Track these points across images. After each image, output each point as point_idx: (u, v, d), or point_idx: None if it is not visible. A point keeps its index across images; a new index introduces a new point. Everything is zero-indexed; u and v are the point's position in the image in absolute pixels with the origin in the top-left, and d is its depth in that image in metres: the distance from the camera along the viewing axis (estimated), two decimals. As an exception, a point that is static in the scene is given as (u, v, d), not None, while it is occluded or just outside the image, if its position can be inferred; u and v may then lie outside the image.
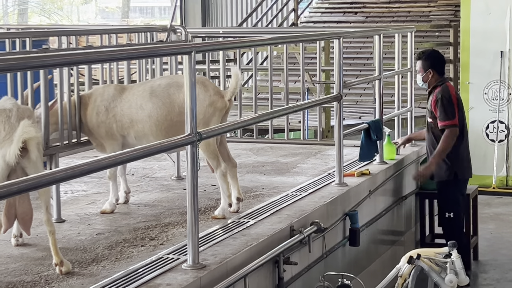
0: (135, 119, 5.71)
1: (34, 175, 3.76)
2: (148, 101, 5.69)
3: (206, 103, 5.65)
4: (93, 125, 5.78)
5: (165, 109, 5.66)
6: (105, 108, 5.76)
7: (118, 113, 5.74)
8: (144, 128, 5.68)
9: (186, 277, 4.42)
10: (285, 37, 7.14)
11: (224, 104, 5.71)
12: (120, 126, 5.74)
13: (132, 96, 5.75)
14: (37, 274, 4.57)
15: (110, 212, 5.88)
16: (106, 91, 5.82)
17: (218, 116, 5.68)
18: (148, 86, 5.79)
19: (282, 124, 8.69)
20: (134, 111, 5.71)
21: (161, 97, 5.69)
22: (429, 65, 7.32)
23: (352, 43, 14.92)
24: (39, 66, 4.23)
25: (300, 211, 5.82)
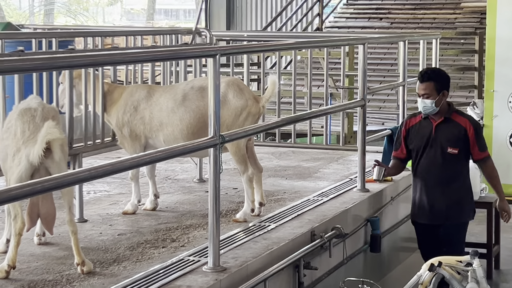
0: (165, 122, 5.70)
1: (58, 175, 3.79)
2: (181, 104, 5.68)
3: (241, 107, 5.64)
4: (117, 123, 5.79)
5: (199, 112, 5.65)
6: (134, 108, 5.76)
7: (147, 116, 5.74)
8: (175, 131, 5.68)
9: (206, 279, 4.43)
10: (309, 41, 7.15)
11: (258, 109, 5.71)
12: (148, 129, 5.74)
13: (163, 99, 5.74)
14: (59, 273, 4.59)
15: (132, 213, 5.90)
16: (138, 91, 5.82)
17: (251, 121, 5.67)
18: (180, 89, 5.78)
19: (304, 128, 8.68)
20: (164, 114, 5.70)
21: (194, 100, 5.69)
22: (445, 86, 6.15)
23: (377, 49, 14.90)
24: (65, 66, 4.27)
25: (322, 216, 5.81)
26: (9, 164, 4.56)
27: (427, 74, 6.14)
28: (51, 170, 4.51)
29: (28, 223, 4.66)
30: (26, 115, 4.62)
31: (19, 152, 4.51)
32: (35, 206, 4.66)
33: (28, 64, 3.60)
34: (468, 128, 6.11)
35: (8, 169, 4.58)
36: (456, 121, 6.14)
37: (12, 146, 4.56)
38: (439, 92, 6.06)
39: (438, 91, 6.06)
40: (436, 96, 6.05)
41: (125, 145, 5.83)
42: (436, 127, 6.14)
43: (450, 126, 6.13)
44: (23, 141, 4.53)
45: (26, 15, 32.54)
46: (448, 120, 6.13)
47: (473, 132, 6.11)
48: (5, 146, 4.65)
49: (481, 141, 6.22)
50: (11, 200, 3.69)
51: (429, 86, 6.05)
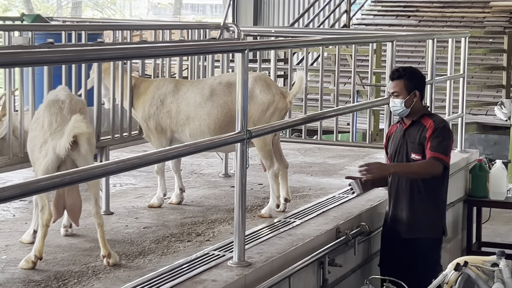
0: (192, 117, 5.71)
1: (87, 167, 3.80)
2: (208, 99, 5.69)
3: (268, 102, 5.64)
4: (143, 116, 5.80)
5: (226, 107, 5.66)
6: (161, 101, 5.78)
7: (173, 110, 5.75)
8: (201, 126, 5.69)
9: (231, 274, 4.43)
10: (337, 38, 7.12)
11: (285, 104, 5.70)
12: (175, 123, 5.75)
13: (190, 93, 5.75)
14: (85, 264, 4.62)
15: (158, 206, 5.92)
16: (165, 85, 5.83)
17: (277, 116, 5.66)
18: (207, 84, 5.79)
19: (331, 125, 8.67)
20: (192, 108, 5.71)
21: (221, 95, 5.69)
22: (416, 86, 5.66)
23: (404, 47, 14.82)
24: (95, 58, 4.29)
25: (347, 213, 5.80)
26: (36, 155, 4.60)
27: (397, 71, 5.70)
28: (77, 162, 4.54)
29: (55, 214, 4.69)
30: (53, 107, 4.64)
31: (46, 144, 4.54)
32: (61, 198, 4.69)
33: (59, 56, 3.61)
34: (428, 128, 5.58)
35: (36, 160, 4.62)
36: (423, 123, 5.63)
37: (40, 137, 4.59)
38: (410, 92, 5.60)
39: (409, 91, 5.61)
40: (406, 95, 5.60)
41: (151, 138, 5.85)
42: (405, 131, 5.70)
43: (416, 130, 5.64)
44: (50, 133, 4.55)
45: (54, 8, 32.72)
46: (416, 123, 5.65)
47: (431, 131, 5.55)
48: (33, 137, 4.68)
49: (438, 141, 5.54)
50: (40, 191, 3.72)
51: (398, 84, 5.63)
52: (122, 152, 7.00)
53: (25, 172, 6.26)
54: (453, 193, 7.95)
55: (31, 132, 4.74)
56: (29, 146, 4.75)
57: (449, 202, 7.75)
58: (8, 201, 3.37)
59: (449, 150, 5.61)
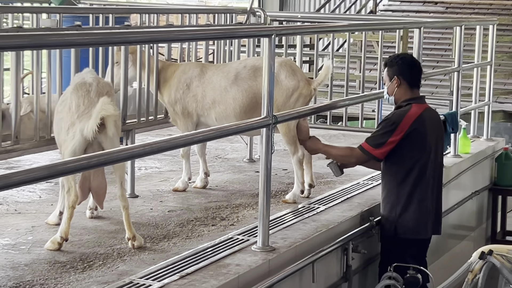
0: (217, 101, 5.72)
1: (113, 149, 3.83)
2: (233, 83, 5.69)
3: (293, 88, 5.63)
4: (170, 100, 5.82)
5: (251, 92, 5.66)
6: (187, 85, 5.79)
7: (199, 94, 5.76)
8: (227, 110, 5.70)
9: (255, 258, 4.44)
10: (364, 24, 7.08)
11: (310, 91, 5.69)
12: (201, 107, 5.75)
13: (216, 77, 5.75)
14: (110, 247, 4.65)
15: (183, 190, 5.94)
16: (190, 69, 5.84)
17: (301, 103, 5.65)
18: (233, 68, 5.79)
19: (356, 112, 8.63)
20: (217, 92, 5.71)
21: (247, 79, 5.69)
22: (396, 71, 5.36)
23: (431, 33, 14.72)
24: (122, 42, 4.30)
25: (371, 200, 5.79)
26: (63, 137, 4.62)
27: (386, 60, 5.52)
28: (104, 145, 4.56)
29: (80, 196, 4.73)
30: (81, 89, 4.66)
31: (73, 126, 4.57)
32: (86, 180, 4.73)
33: (86, 38, 3.62)
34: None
35: (63, 142, 4.64)
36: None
37: (67, 120, 4.62)
38: (391, 78, 5.39)
39: (390, 77, 5.40)
40: (388, 82, 5.42)
41: (177, 122, 5.87)
42: None
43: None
44: (78, 115, 4.58)
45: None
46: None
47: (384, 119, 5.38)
48: (60, 119, 4.71)
49: (375, 131, 5.38)
50: (67, 173, 3.75)
51: (384, 72, 5.48)
52: (148, 135, 7.02)
53: (51, 154, 6.30)
54: (478, 182, 7.92)
55: (57, 115, 4.76)
56: (56, 128, 4.78)
57: (474, 190, 7.74)
58: (34, 182, 3.40)
59: (383, 143, 5.26)
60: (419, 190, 5.35)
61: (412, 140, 5.27)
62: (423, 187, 5.37)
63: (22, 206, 5.46)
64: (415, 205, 5.34)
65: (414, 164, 5.31)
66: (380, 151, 5.30)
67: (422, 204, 5.37)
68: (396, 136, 5.26)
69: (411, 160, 5.31)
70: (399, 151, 5.30)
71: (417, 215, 5.35)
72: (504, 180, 8.10)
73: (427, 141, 5.35)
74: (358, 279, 5.44)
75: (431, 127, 5.41)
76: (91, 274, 4.19)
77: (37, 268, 4.27)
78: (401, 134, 5.25)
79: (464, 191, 7.54)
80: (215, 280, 4.09)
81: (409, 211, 5.33)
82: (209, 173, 6.14)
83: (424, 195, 5.37)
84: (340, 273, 5.21)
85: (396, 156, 5.31)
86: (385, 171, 5.41)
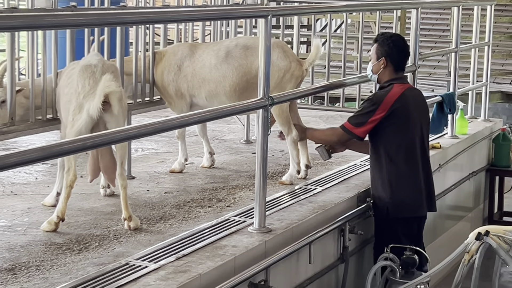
0: (207, 79, 5.70)
1: (108, 131, 3.81)
2: (224, 61, 5.68)
3: (285, 69, 5.62)
4: (163, 83, 5.80)
5: (242, 70, 5.65)
6: (178, 67, 5.77)
7: (189, 73, 5.74)
8: (217, 88, 5.68)
9: (251, 240, 4.44)
10: (362, 4, 7.05)
11: (301, 72, 5.69)
12: (191, 86, 5.74)
13: (206, 55, 5.74)
14: (106, 228, 4.65)
15: (179, 171, 5.93)
16: (180, 50, 5.82)
17: (293, 83, 5.65)
18: (223, 46, 5.77)
19: (353, 93, 8.62)
20: (207, 70, 5.70)
21: (237, 58, 5.67)
22: (385, 52, 5.34)
23: (429, 14, 14.69)
24: (117, 22, 4.27)
25: (368, 181, 5.76)
26: (70, 118, 4.61)
27: (378, 35, 5.51)
28: (109, 124, 4.56)
29: (91, 175, 4.81)
30: (86, 71, 4.66)
31: (79, 107, 4.56)
32: (95, 160, 4.76)
33: (81, 19, 3.60)
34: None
35: (69, 123, 4.62)
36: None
37: (73, 101, 4.61)
38: (379, 58, 5.36)
39: (378, 56, 5.38)
40: (374, 60, 5.40)
41: (172, 104, 5.85)
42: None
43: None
44: (84, 95, 4.58)
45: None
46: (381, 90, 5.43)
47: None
48: (67, 101, 4.69)
49: (357, 111, 5.40)
50: (62, 154, 3.74)
51: (373, 48, 5.43)
52: (144, 117, 7.00)
53: (47, 136, 6.29)
54: (476, 163, 7.92)
55: (64, 97, 4.75)
56: (63, 112, 4.76)
57: (472, 171, 7.74)
58: (30, 164, 3.39)
59: (363, 122, 5.26)
60: (408, 168, 5.35)
61: (395, 119, 5.27)
62: (412, 164, 5.36)
63: (18, 188, 5.45)
64: (406, 183, 5.34)
65: (401, 142, 5.31)
66: (361, 130, 5.31)
67: (412, 182, 5.37)
68: (377, 116, 5.26)
69: (397, 139, 5.31)
70: (384, 131, 5.30)
71: (409, 193, 5.36)
72: (502, 161, 8.09)
73: (411, 119, 5.34)
74: (355, 260, 5.44)
75: (414, 105, 5.41)
76: (87, 256, 4.19)
77: (33, 250, 4.26)
78: (382, 114, 5.25)
79: (461, 172, 7.54)
80: (211, 261, 4.09)
81: (400, 190, 5.33)
82: (213, 152, 6.15)
83: (413, 173, 5.37)
84: (337, 254, 5.21)
85: (382, 136, 5.32)
86: (373, 152, 5.42)
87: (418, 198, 5.41)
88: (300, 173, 5.80)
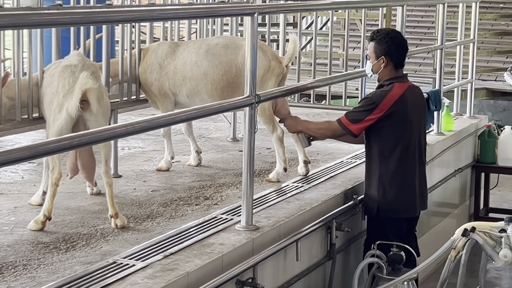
0: (188, 77, 5.71)
1: (94, 130, 3.80)
2: (204, 58, 5.68)
3: (264, 68, 5.64)
4: (146, 82, 5.80)
5: (222, 69, 5.65)
6: (159, 65, 5.77)
7: (171, 71, 5.74)
8: (198, 86, 5.68)
9: (239, 237, 4.45)
10: (348, 2, 7.07)
11: (282, 69, 5.71)
12: (173, 84, 5.74)
13: (187, 53, 5.75)
14: (93, 227, 4.64)
15: (166, 170, 5.93)
16: (160, 48, 5.82)
17: (274, 81, 5.67)
18: (204, 44, 5.78)
19: (339, 90, 8.64)
20: (188, 68, 5.71)
21: (218, 55, 5.68)
22: (384, 50, 5.28)
23: (414, 11, 14.73)
24: (103, 21, 4.27)
25: (355, 178, 5.80)
26: (51, 118, 4.60)
27: (374, 33, 5.36)
28: (89, 123, 4.54)
29: (71, 172, 4.81)
30: (66, 71, 4.66)
31: (60, 106, 4.55)
32: (75, 157, 4.75)
33: (67, 18, 3.59)
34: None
35: (51, 123, 4.62)
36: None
37: (54, 102, 4.60)
38: (378, 57, 5.29)
39: (377, 55, 5.29)
40: (374, 59, 5.31)
41: (157, 104, 5.85)
42: None
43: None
44: (63, 94, 4.57)
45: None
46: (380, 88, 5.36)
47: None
48: (49, 102, 4.69)
49: (355, 108, 5.34)
50: (49, 153, 3.72)
51: (370, 46, 5.34)
52: (131, 115, 6.99)
53: (33, 134, 6.27)
54: (462, 159, 7.95)
55: (46, 97, 4.74)
56: (46, 111, 4.75)
57: (457, 168, 7.77)
58: (16, 163, 3.37)
59: (360, 120, 5.21)
60: (403, 169, 5.32)
61: (393, 120, 5.24)
62: (407, 165, 5.34)
63: (4, 187, 5.44)
64: (398, 183, 5.32)
65: (397, 142, 5.27)
66: (356, 127, 5.26)
67: (406, 182, 5.35)
68: (375, 115, 5.22)
69: (393, 139, 5.27)
70: (381, 131, 5.28)
71: (401, 194, 5.33)
72: (487, 157, 8.13)
73: (408, 121, 5.31)
74: (342, 257, 5.45)
75: (413, 106, 5.38)
76: (74, 255, 4.18)
77: (19, 249, 4.25)
78: (379, 114, 5.21)
79: (447, 168, 7.57)
80: (199, 259, 4.09)
81: (392, 190, 5.31)
82: (200, 150, 6.15)
83: (407, 174, 5.35)
84: (324, 251, 5.23)
85: (379, 136, 5.30)
86: (368, 151, 5.41)
87: (410, 199, 5.39)
88: (301, 169, 5.80)
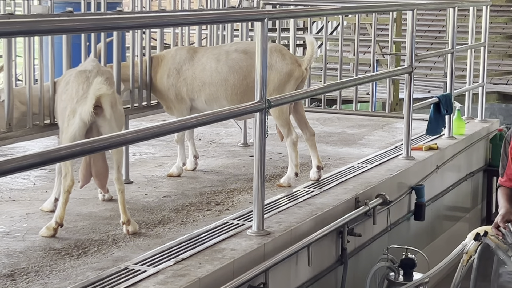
0: (208, 82, 5.72)
1: (105, 136, 3.81)
2: (224, 64, 5.69)
3: (284, 72, 5.64)
4: (163, 88, 5.81)
5: (242, 74, 5.66)
6: (177, 71, 5.78)
7: (189, 77, 5.75)
8: (218, 92, 5.69)
9: (250, 243, 4.45)
10: (358, 6, 7.07)
11: (301, 72, 5.71)
12: (191, 90, 5.76)
13: (205, 59, 5.76)
14: (105, 233, 4.65)
15: (177, 175, 5.93)
16: (178, 54, 5.84)
17: (293, 85, 5.67)
18: (223, 50, 5.79)
19: (350, 95, 8.63)
20: (208, 73, 5.72)
21: (237, 60, 5.69)
22: None
23: (424, 15, 14.70)
24: (113, 28, 4.29)
25: (366, 183, 5.79)
26: (66, 124, 4.61)
27: None
28: (102, 129, 4.54)
29: (82, 180, 4.78)
30: (81, 76, 4.67)
31: (73, 112, 4.56)
32: (88, 165, 4.75)
33: (78, 24, 3.61)
34: None
35: (65, 129, 4.63)
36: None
37: (68, 107, 4.61)
38: None
39: None
40: None
41: (172, 109, 5.86)
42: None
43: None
44: (77, 100, 4.57)
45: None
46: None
47: None
48: (63, 108, 4.69)
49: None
50: (60, 159, 3.74)
51: None
52: (141, 121, 7.01)
53: (45, 141, 6.29)
54: (473, 163, 7.93)
55: (61, 103, 4.75)
56: (60, 117, 4.76)
57: (469, 172, 7.76)
58: (28, 169, 3.39)
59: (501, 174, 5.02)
60: None
61: None
62: None
63: (17, 194, 5.45)
64: None
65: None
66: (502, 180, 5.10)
67: None
68: None
69: None
70: None
71: None
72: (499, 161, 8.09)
73: None
74: (353, 262, 5.44)
75: None
76: (86, 261, 4.19)
77: (32, 255, 4.26)
78: None
79: (459, 172, 7.55)
80: (210, 265, 4.09)
81: None
82: (198, 155, 6.16)
83: None
84: (336, 256, 5.22)
85: None
86: None
87: None
88: (313, 174, 5.80)
